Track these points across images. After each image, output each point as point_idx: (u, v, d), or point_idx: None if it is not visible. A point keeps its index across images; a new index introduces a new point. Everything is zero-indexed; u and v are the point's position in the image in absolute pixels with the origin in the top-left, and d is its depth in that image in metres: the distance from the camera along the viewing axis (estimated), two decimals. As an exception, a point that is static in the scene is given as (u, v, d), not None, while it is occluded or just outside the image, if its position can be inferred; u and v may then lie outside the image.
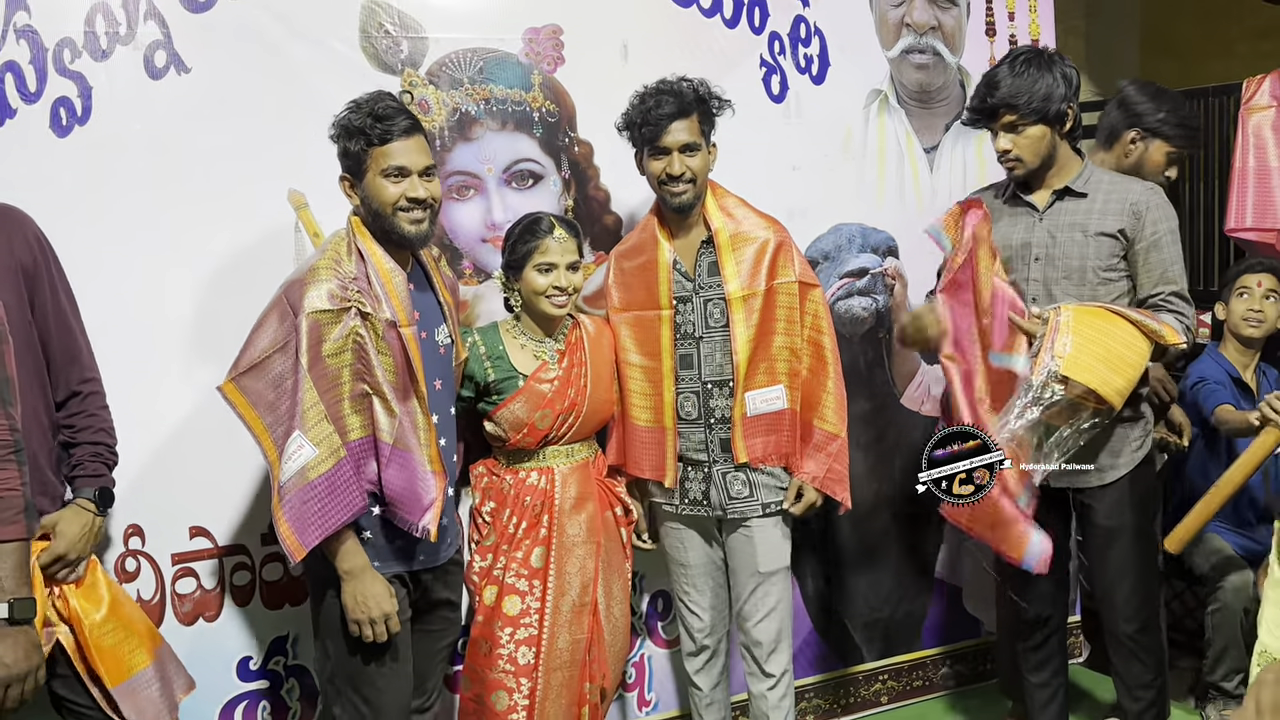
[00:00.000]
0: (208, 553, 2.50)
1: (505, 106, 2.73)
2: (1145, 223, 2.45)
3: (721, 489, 2.58)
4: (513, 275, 2.49)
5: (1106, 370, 2.28)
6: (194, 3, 2.39)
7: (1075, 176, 2.52)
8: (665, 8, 2.90)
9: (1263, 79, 3.48)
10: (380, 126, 2.12)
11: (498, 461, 2.56)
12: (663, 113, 2.43)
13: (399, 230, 2.16)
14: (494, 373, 2.48)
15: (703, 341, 2.57)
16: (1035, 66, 2.44)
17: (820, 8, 3.10)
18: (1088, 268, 2.47)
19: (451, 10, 2.66)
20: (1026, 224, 2.55)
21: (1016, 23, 3.41)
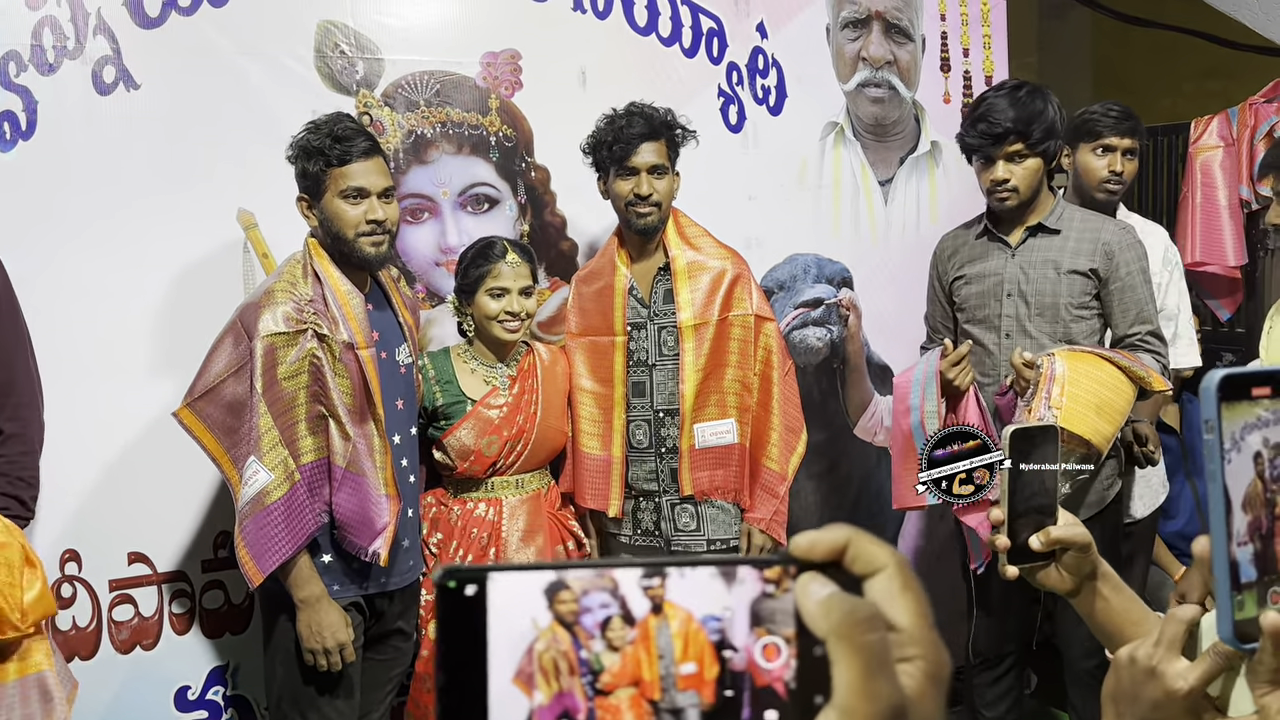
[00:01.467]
0: (147, 579, 2.46)
1: (461, 130, 2.74)
2: (1118, 263, 2.46)
3: (670, 520, 2.58)
4: (465, 299, 2.48)
5: (1098, 418, 2.29)
6: (145, 19, 2.37)
7: (1049, 213, 2.53)
8: (624, 35, 2.92)
9: (1211, 119, 3.58)
10: (339, 147, 2.13)
11: (446, 491, 2.54)
12: (634, 132, 2.45)
13: (359, 253, 2.16)
14: (442, 397, 2.47)
15: (655, 369, 2.57)
16: (1039, 99, 2.44)
17: (778, 40, 3.15)
18: (1060, 304, 2.49)
19: (408, 32, 2.66)
20: (999, 260, 2.57)
21: (971, 59, 3.48)
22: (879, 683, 0.42)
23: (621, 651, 0.44)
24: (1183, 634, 0.80)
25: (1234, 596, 0.69)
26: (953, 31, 3.44)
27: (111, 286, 2.37)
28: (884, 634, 0.44)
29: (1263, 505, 0.71)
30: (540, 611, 0.44)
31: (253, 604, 2.52)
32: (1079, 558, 1.17)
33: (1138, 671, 0.80)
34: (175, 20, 2.40)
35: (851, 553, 0.46)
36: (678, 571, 0.45)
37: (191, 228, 2.44)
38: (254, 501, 2.05)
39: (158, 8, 2.38)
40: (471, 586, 0.43)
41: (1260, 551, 0.70)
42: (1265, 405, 0.71)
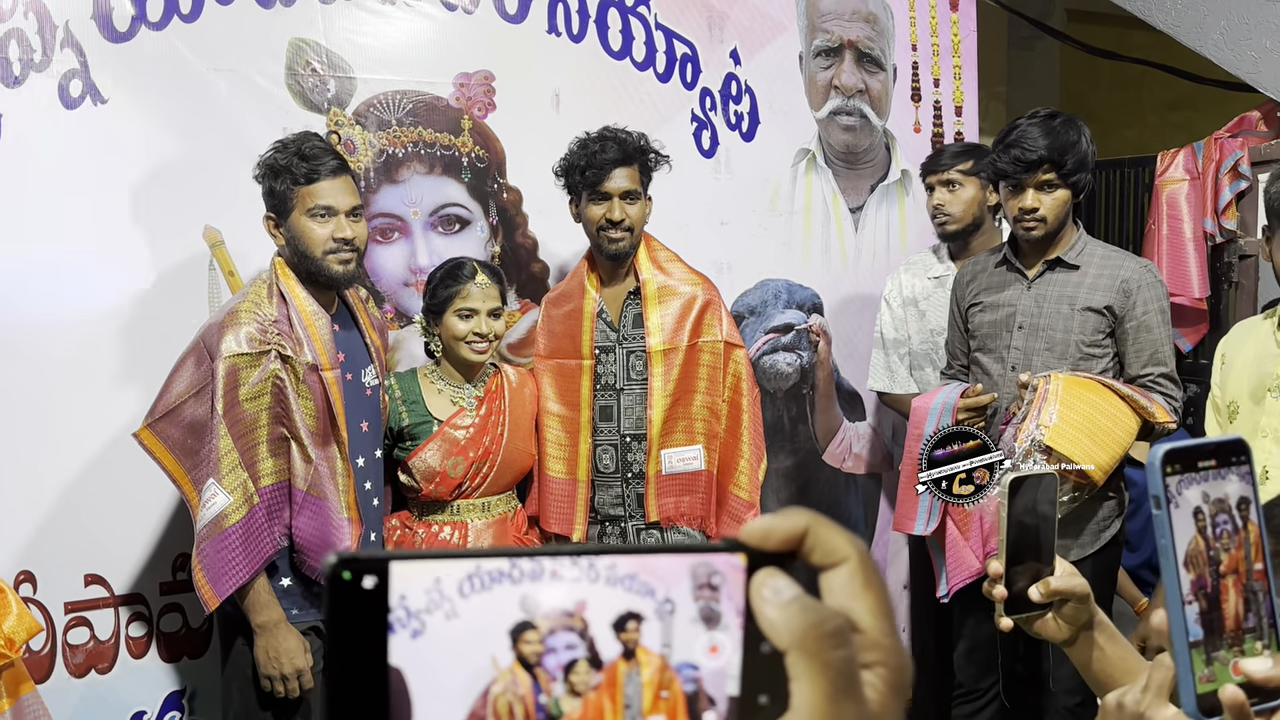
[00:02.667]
0: (103, 601, 2.42)
1: (434, 150, 2.73)
2: (1135, 301, 2.41)
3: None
4: (433, 320, 2.47)
5: (1091, 444, 2.26)
6: (114, 32, 2.36)
7: (1069, 247, 2.49)
8: (598, 59, 2.94)
9: (1177, 152, 3.64)
10: (306, 165, 2.12)
11: (410, 514, 2.52)
12: (607, 157, 2.45)
13: (326, 271, 2.16)
14: (408, 418, 2.45)
15: (623, 394, 2.57)
16: (1074, 130, 2.41)
17: (751, 67, 3.17)
18: (1071, 341, 2.44)
19: (381, 52, 2.66)
20: (1014, 291, 2.54)
21: (941, 89, 3.53)
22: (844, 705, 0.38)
23: (584, 698, 0.41)
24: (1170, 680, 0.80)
25: (1194, 672, 0.69)
26: (924, 61, 3.48)
27: (73, 303, 2.35)
28: (852, 650, 0.39)
29: (1205, 563, 0.70)
30: (502, 651, 0.41)
31: (211, 628, 2.48)
32: (1077, 608, 1.16)
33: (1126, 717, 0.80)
34: (145, 34, 2.39)
35: (810, 541, 0.42)
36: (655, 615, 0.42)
37: (157, 244, 2.42)
38: (212, 524, 2.03)
39: (127, 21, 2.37)
40: (370, 579, 0.39)
41: (1205, 611, 0.70)
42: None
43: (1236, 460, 0.72)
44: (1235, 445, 0.72)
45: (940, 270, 3.01)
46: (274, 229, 2.18)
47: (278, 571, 2.16)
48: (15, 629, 1.91)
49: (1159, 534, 0.69)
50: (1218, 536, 0.71)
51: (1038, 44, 5.52)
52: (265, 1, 2.51)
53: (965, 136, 3.60)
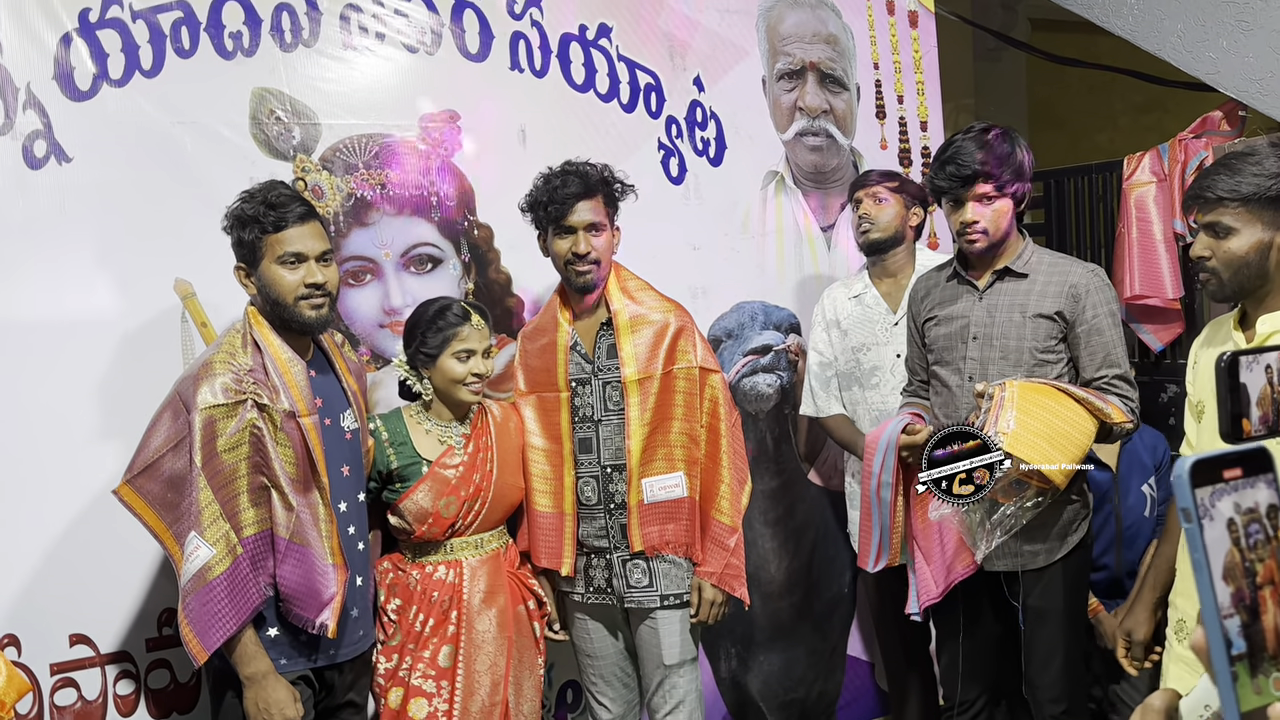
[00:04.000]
0: (89, 661, 2.41)
1: (402, 191, 2.76)
2: (1085, 305, 2.45)
3: (621, 578, 2.57)
4: (426, 363, 2.45)
5: (1050, 448, 2.27)
6: (76, 92, 2.38)
7: (1016, 256, 2.53)
8: (562, 93, 2.97)
9: (1142, 156, 3.68)
10: (274, 214, 2.14)
11: (403, 556, 2.51)
12: (569, 192, 2.47)
13: (300, 318, 2.17)
14: (397, 460, 2.45)
15: (601, 425, 2.58)
16: (1009, 141, 2.47)
17: (715, 93, 3.21)
18: (1025, 349, 2.48)
19: (345, 97, 2.69)
20: (966, 303, 2.58)
21: (906, 105, 3.57)
22: None
23: None
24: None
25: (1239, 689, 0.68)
26: (886, 79, 3.53)
27: (47, 363, 2.36)
28: None
29: (1243, 575, 0.70)
30: None
31: (200, 682, 2.48)
32: None
33: None
34: (107, 92, 2.41)
35: None
36: None
37: (128, 300, 2.43)
38: (196, 578, 2.03)
39: (89, 80, 2.39)
40: None
41: (1247, 624, 0.70)
42: None
43: (1263, 468, 0.72)
44: (1259, 454, 0.72)
45: (859, 288, 3.06)
46: (245, 279, 2.20)
47: (265, 622, 2.16)
48: (5, 690, 1.91)
49: (1191, 549, 0.69)
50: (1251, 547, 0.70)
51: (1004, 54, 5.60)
52: (226, 53, 2.54)
53: (932, 151, 3.63)
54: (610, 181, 2.54)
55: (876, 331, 3.01)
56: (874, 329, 3.01)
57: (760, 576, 3.31)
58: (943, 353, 2.61)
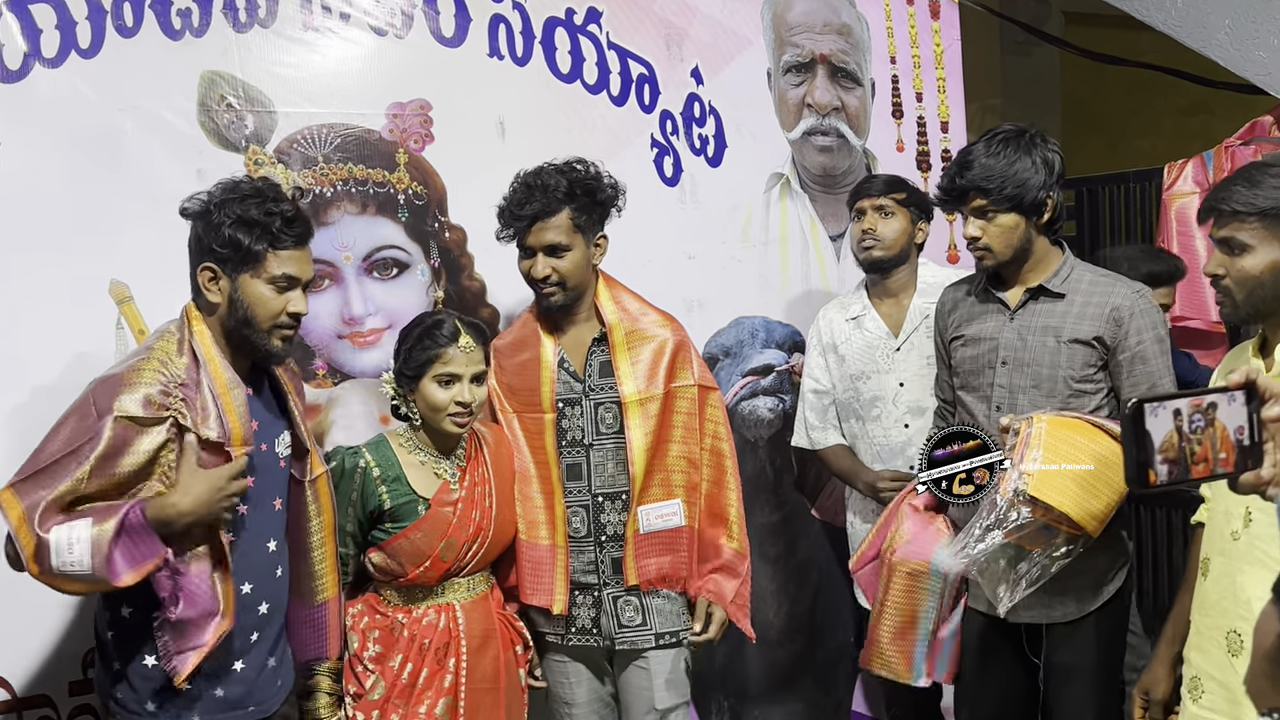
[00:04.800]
0: (4, 705, 2.37)
1: (366, 188, 2.74)
2: (1128, 331, 2.40)
3: (612, 615, 2.55)
4: (407, 385, 2.40)
5: (1081, 492, 2.23)
6: (4, 71, 2.35)
7: (1052, 274, 2.49)
8: (545, 82, 2.96)
9: (1184, 164, 3.69)
10: (289, 232, 2.09)
11: (382, 598, 2.44)
12: (524, 213, 2.46)
13: (267, 346, 2.11)
14: (390, 499, 2.38)
15: (593, 450, 2.56)
16: (1014, 148, 2.44)
17: (715, 86, 3.20)
18: (1059, 377, 2.44)
19: (304, 83, 2.67)
20: (995, 323, 2.54)
21: (925, 104, 3.57)
22: None
23: None
24: None
25: None
26: (904, 75, 3.53)
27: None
28: None
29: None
30: None
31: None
32: None
33: None
34: (39, 73, 2.39)
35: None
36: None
37: (58, 303, 2.40)
38: (93, 544, 1.91)
39: (19, 59, 2.37)
40: None
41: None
42: None
43: None
44: None
45: (858, 309, 3.03)
46: (210, 283, 2.09)
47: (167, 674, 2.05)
48: None
49: None
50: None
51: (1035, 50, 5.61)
52: (173, 32, 2.52)
53: (953, 153, 3.62)
54: (593, 190, 2.51)
55: (877, 358, 2.98)
56: (874, 355, 2.98)
57: (757, 620, 3.25)
58: (968, 377, 2.59)
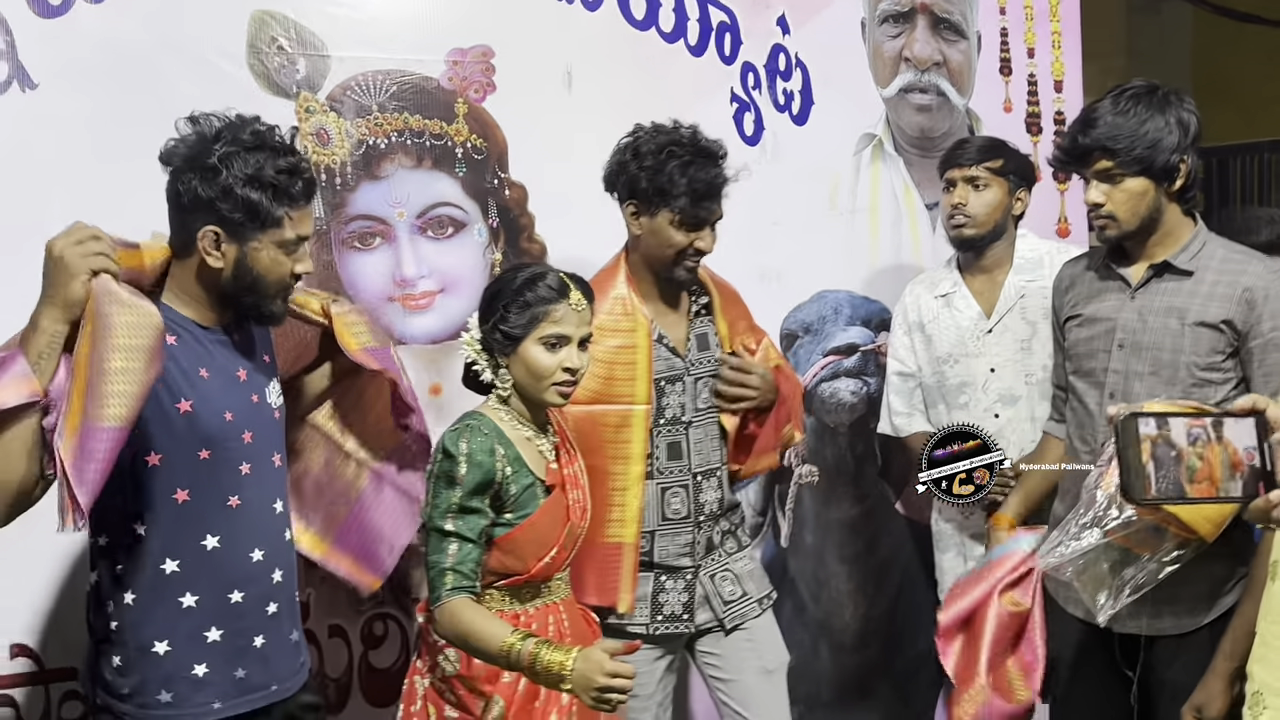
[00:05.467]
0: (31, 677, 2.44)
1: (422, 140, 2.75)
2: (1262, 315, 2.33)
3: (714, 595, 2.62)
4: (504, 348, 2.23)
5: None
6: (45, 6, 2.40)
7: (1180, 249, 2.42)
8: (618, 29, 2.95)
9: (1328, 133, 3.58)
10: (304, 187, 2.05)
11: (483, 604, 2.24)
12: (713, 183, 2.47)
13: (271, 309, 2.10)
14: (515, 485, 2.22)
15: (692, 428, 2.59)
16: (1145, 105, 2.36)
17: (803, 37, 3.17)
18: (1181, 363, 2.38)
19: (360, 25, 2.69)
20: (1115, 302, 2.48)
21: (1037, 60, 3.50)
22: None
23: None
24: None
25: None
26: (1014, 28, 3.46)
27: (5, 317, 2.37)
28: None
29: None
30: None
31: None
32: None
33: None
34: (81, 9, 2.43)
35: None
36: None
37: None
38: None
39: (60, -8, 2.42)
40: None
41: None
42: None
43: None
44: None
45: (948, 286, 2.99)
46: (212, 246, 2.03)
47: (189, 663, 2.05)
48: None
49: None
50: None
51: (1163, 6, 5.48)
52: (224, -33, 2.56)
53: (1068, 117, 3.56)
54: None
55: (966, 341, 2.94)
56: (963, 337, 2.94)
57: (832, 624, 3.26)
58: (1081, 360, 2.54)
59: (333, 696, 2.71)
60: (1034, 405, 2.87)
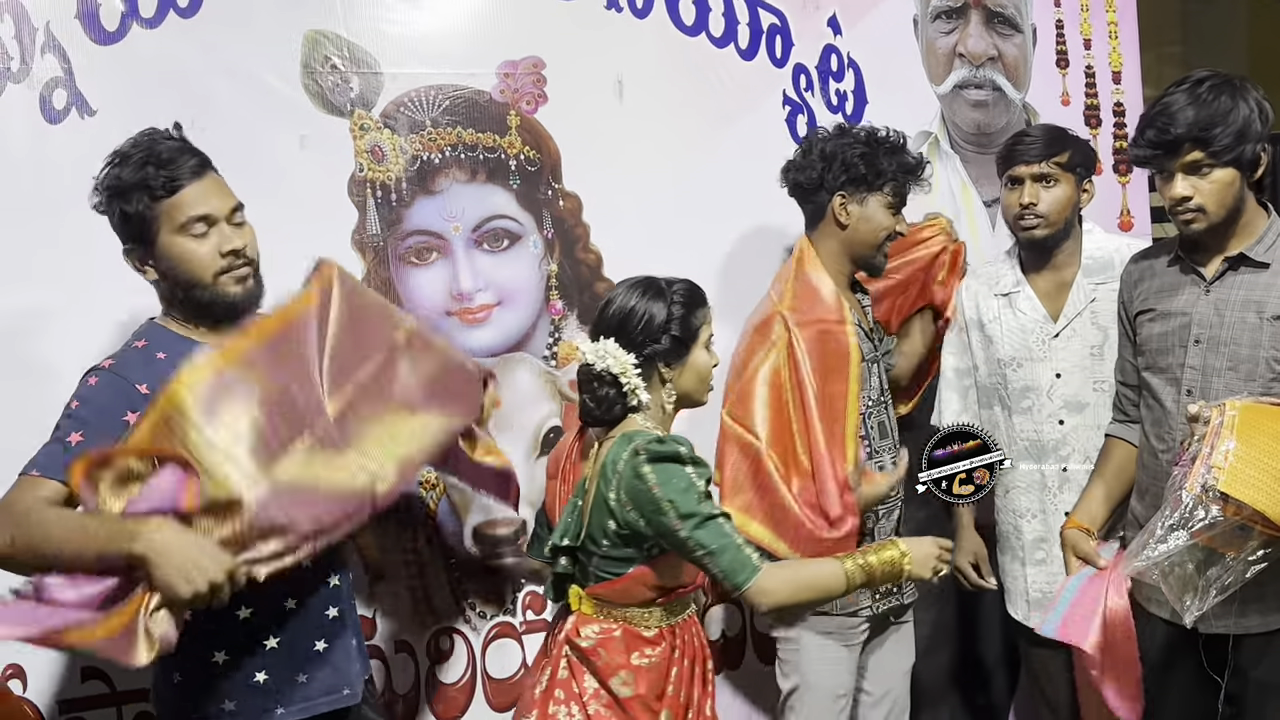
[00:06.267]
0: (104, 699, 2.46)
1: (476, 153, 2.76)
2: None
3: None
4: (674, 359, 2.18)
5: None
6: (102, 33, 2.43)
7: (1255, 241, 2.37)
8: (668, 36, 2.94)
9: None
10: (164, 173, 2.04)
11: (631, 624, 2.17)
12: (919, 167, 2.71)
13: (224, 297, 2.08)
14: None
15: (888, 407, 2.80)
16: (1227, 94, 2.31)
17: (855, 36, 3.15)
18: (1260, 359, 2.33)
19: (412, 42, 2.70)
20: (1190, 296, 2.43)
21: (1094, 51, 3.45)
22: None
23: None
24: None
25: None
26: (1070, 19, 3.42)
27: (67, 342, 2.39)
28: None
29: None
30: None
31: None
32: None
33: None
34: (137, 34, 2.46)
35: None
36: None
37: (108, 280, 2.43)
38: None
39: (116, 20, 2.44)
40: None
41: None
42: None
43: None
44: None
45: (1010, 284, 2.86)
46: (140, 264, 2.09)
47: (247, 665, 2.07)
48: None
49: None
50: None
51: (1219, -9, 5.40)
52: (275, -11, 2.58)
53: (1127, 108, 3.50)
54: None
55: (1031, 344, 2.81)
56: (1028, 340, 2.82)
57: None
58: (1156, 356, 2.48)
59: (400, 713, 2.71)
60: (1101, 413, 2.74)
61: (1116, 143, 3.50)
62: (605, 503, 2.10)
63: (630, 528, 2.08)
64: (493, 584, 2.80)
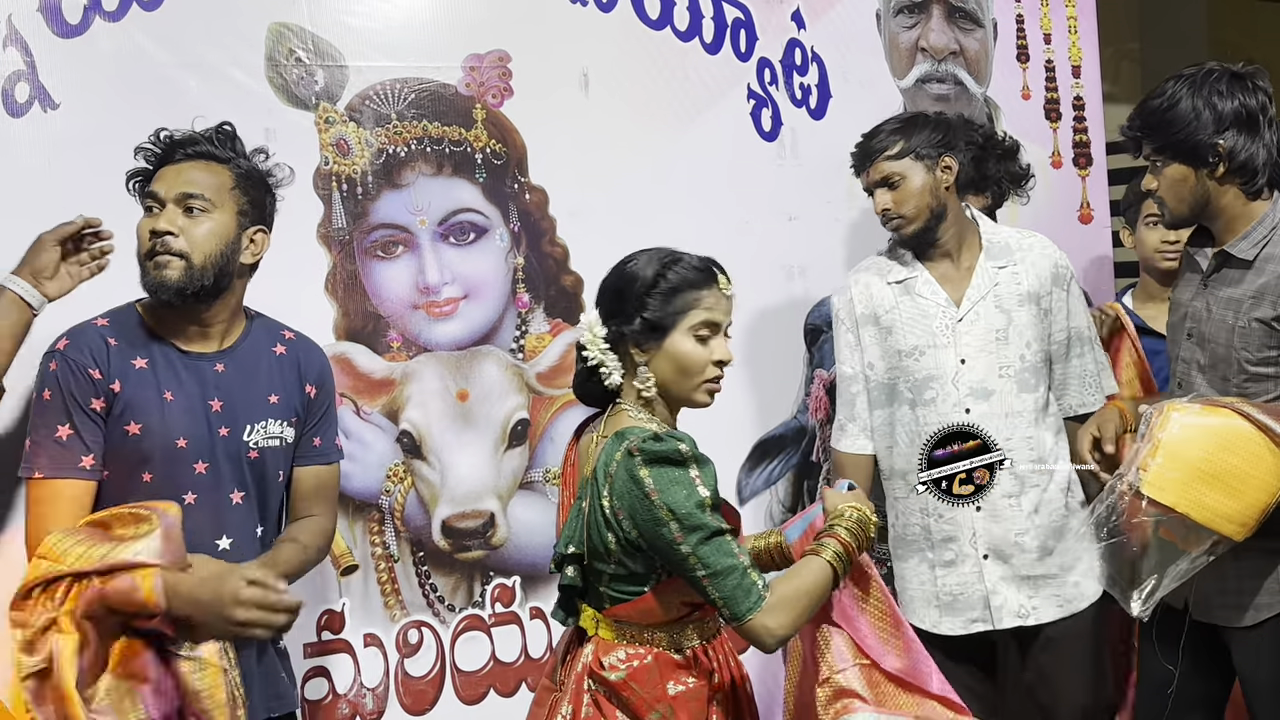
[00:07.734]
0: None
1: (442, 147, 2.76)
2: None
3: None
4: (646, 342, 1.93)
5: (1208, 490, 2.13)
6: (64, 26, 2.42)
7: (1240, 237, 2.33)
8: (632, 30, 2.95)
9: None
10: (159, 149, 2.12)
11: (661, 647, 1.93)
12: None
13: (149, 280, 2.08)
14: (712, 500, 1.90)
15: None
16: (1186, 89, 2.30)
17: (819, 31, 3.17)
18: (1234, 359, 2.31)
19: (377, 35, 2.70)
20: (1191, 288, 2.44)
21: (1054, 46, 3.48)
22: None
23: None
24: None
25: None
26: (1030, 14, 3.45)
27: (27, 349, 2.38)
28: None
29: None
30: None
31: None
32: None
33: None
34: (100, 27, 2.44)
35: None
36: None
37: (123, 269, 2.44)
38: None
39: (79, 13, 2.42)
40: None
41: None
42: None
43: None
44: None
45: (904, 272, 2.73)
46: None
47: None
48: None
49: None
50: None
51: (1178, -13, 5.45)
52: (239, -18, 2.57)
53: (1087, 102, 3.55)
54: None
55: (934, 329, 2.68)
56: (930, 326, 2.68)
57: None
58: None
59: (370, 706, 2.72)
60: (1008, 399, 2.65)
61: (1076, 136, 3.55)
62: (602, 512, 1.87)
63: (633, 543, 1.86)
64: (461, 577, 2.81)
